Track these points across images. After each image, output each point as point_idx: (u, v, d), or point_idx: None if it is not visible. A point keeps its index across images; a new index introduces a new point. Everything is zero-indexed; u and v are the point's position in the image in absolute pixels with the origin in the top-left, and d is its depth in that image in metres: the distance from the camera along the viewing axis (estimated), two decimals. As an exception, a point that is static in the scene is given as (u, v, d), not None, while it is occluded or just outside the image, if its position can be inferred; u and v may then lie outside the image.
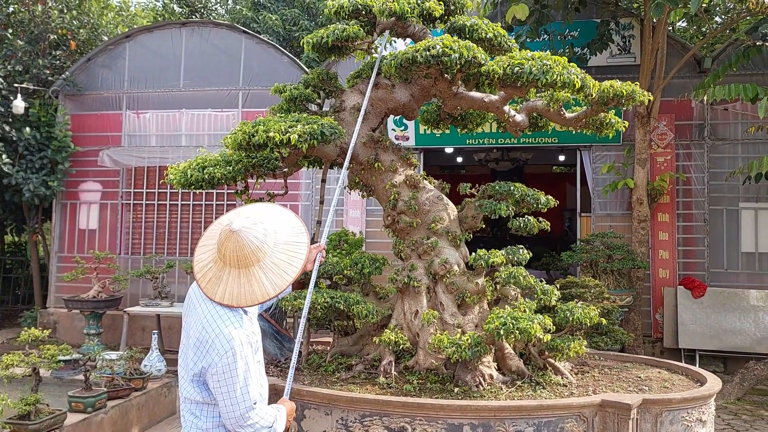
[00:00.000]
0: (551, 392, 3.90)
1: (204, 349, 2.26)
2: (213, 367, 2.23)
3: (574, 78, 3.89)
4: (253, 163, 4.45)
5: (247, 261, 2.28)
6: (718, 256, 9.13)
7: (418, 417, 3.48)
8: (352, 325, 4.56)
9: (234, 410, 2.26)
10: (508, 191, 4.52)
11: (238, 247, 2.27)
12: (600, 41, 8.83)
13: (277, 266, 2.31)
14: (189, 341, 2.34)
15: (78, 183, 10.87)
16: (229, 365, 2.22)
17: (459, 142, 10.00)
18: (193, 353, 2.30)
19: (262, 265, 2.29)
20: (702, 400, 3.85)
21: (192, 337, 2.32)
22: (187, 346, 2.35)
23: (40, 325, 10.30)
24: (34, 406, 4.80)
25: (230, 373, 2.23)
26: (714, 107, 9.18)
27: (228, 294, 2.26)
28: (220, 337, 2.24)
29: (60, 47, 11.50)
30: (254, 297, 2.27)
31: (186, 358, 2.35)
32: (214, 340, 2.24)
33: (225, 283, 2.28)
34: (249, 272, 2.28)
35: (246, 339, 2.29)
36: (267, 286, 2.27)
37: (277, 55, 10.44)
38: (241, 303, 2.27)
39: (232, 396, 2.25)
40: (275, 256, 2.33)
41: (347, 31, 4.28)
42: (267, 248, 2.31)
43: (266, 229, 2.34)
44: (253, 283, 2.27)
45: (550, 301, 4.23)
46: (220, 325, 2.26)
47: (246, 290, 2.26)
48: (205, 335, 2.26)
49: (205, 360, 2.26)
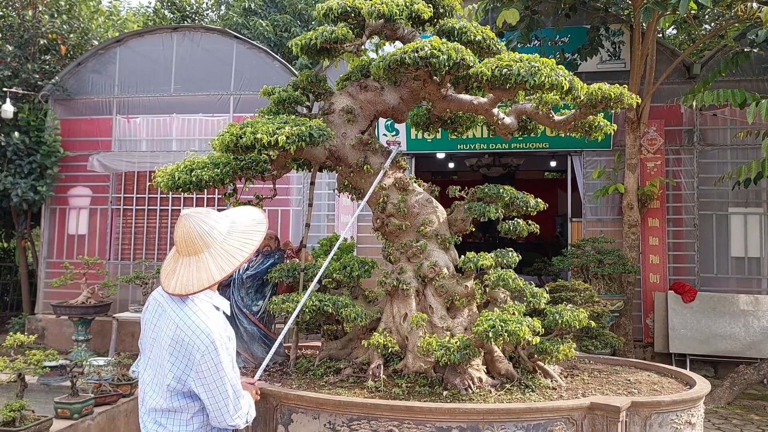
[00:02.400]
0: (540, 395, 3.89)
1: (183, 349, 2.21)
2: (197, 365, 2.20)
3: (562, 80, 3.89)
4: (242, 165, 4.42)
5: (196, 246, 2.26)
6: (708, 261, 9.16)
7: (407, 420, 3.45)
8: (341, 328, 4.53)
9: (226, 404, 2.24)
10: (498, 194, 4.52)
11: (186, 232, 2.27)
12: (590, 47, 8.88)
13: (227, 252, 2.28)
14: (161, 347, 2.26)
15: (67, 188, 10.81)
16: (214, 360, 2.20)
17: (450, 147, 10.01)
18: (168, 357, 2.23)
19: (212, 251, 2.27)
20: (691, 403, 3.84)
21: (164, 342, 2.25)
22: (159, 353, 2.27)
23: (28, 331, 10.20)
24: (19, 412, 4.73)
25: (216, 368, 2.21)
26: (703, 113, 9.23)
27: (179, 283, 2.24)
28: (198, 332, 2.21)
29: (50, 52, 11.45)
30: (201, 282, 2.24)
31: (158, 365, 2.27)
32: (192, 337, 2.20)
33: (178, 274, 2.26)
34: (198, 259, 2.26)
35: (224, 331, 2.27)
36: (213, 270, 2.25)
37: (268, 60, 10.44)
38: (189, 290, 2.23)
39: (221, 390, 2.23)
40: (227, 243, 2.31)
41: (336, 33, 4.27)
42: (217, 234, 2.29)
43: (219, 218, 2.34)
44: (201, 270, 2.25)
45: (539, 304, 4.22)
46: (195, 321, 2.23)
47: (194, 276, 2.24)
48: (181, 334, 2.21)
49: (186, 361, 2.21)
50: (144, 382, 2.33)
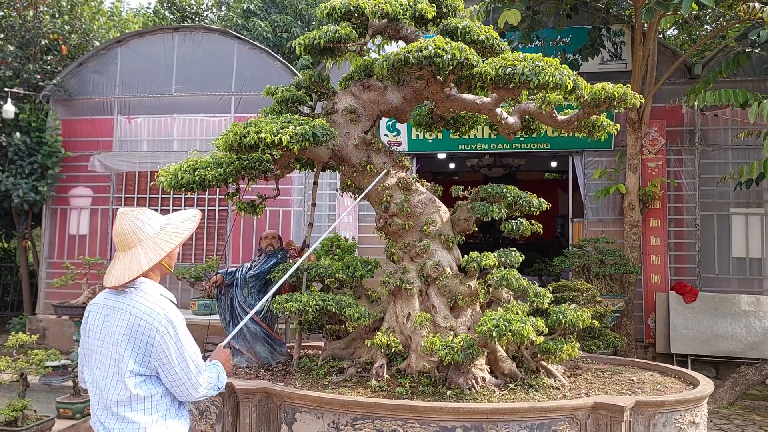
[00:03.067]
0: (544, 395, 3.88)
1: (140, 334, 2.28)
2: (158, 347, 2.28)
3: (566, 79, 3.89)
4: (245, 165, 4.42)
5: (129, 241, 2.37)
6: (709, 262, 9.16)
7: (410, 420, 3.45)
8: (344, 328, 4.53)
9: (189, 378, 2.35)
10: (501, 194, 4.52)
11: (119, 226, 2.40)
12: (591, 47, 8.88)
13: (157, 245, 2.40)
14: (114, 341, 2.30)
15: (68, 188, 10.80)
16: (173, 338, 2.30)
17: (451, 147, 10.01)
18: (126, 346, 2.28)
19: (143, 245, 2.38)
20: (695, 403, 3.84)
21: (117, 335, 2.30)
22: (113, 348, 2.30)
23: (29, 331, 10.18)
24: (21, 412, 4.73)
25: (176, 345, 2.31)
26: (704, 113, 9.23)
27: (114, 277, 2.35)
28: (154, 315, 2.30)
29: (51, 52, 11.44)
30: (131, 273, 2.33)
31: (113, 360, 2.30)
32: (149, 320, 2.28)
33: (114, 268, 2.37)
34: (132, 253, 2.37)
35: (177, 311, 2.39)
36: (143, 261, 2.35)
37: (269, 61, 10.44)
38: (121, 281, 2.33)
39: (183, 367, 2.33)
40: (159, 237, 2.42)
41: (339, 32, 4.27)
42: (149, 230, 2.40)
43: (153, 216, 2.46)
44: (132, 262, 2.35)
45: (542, 303, 4.22)
46: (149, 305, 2.32)
47: (127, 268, 2.34)
48: (137, 321, 2.29)
49: (146, 345, 2.28)
50: (97, 383, 2.36)
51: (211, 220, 10.44)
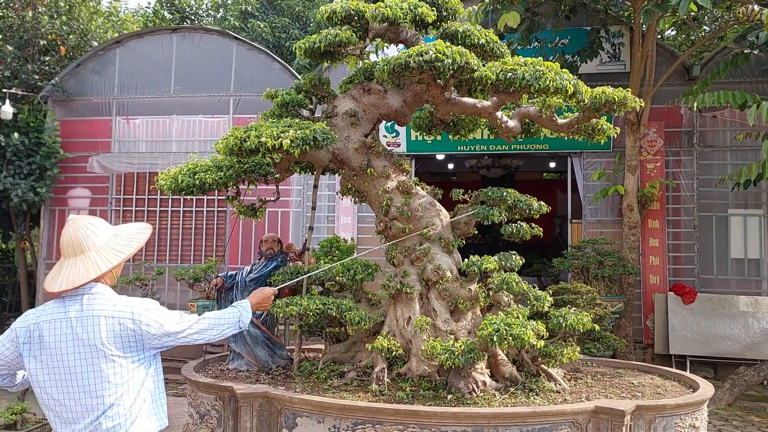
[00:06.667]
0: (545, 399, 3.89)
1: (124, 332, 2.30)
2: (147, 327, 2.33)
3: (566, 84, 3.90)
4: (245, 168, 4.42)
5: (83, 246, 2.35)
6: (707, 263, 9.17)
7: (411, 424, 3.45)
8: (345, 332, 4.53)
9: (186, 335, 2.45)
10: (501, 197, 4.52)
11: (72, 232, 2.37)
12: (590, 49, 8.89)
13: (113, 249, 2.41)
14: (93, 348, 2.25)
15: (67, 189, 10.78)
16: (158, 311, 2.39)
17: (450, 148, 10.01)
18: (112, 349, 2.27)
19: (98, 249, 2.37)
20: (695, 406, 3.85)
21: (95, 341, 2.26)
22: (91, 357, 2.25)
23: (28, 332, 10.16)
24: (20, 415, 4.73)
25: (159, 319, 2.37)
26: (703, 114, 9.25)
27: (65, 280, 2.31)
28: (128, 310, 2.33)
29: (49, 53, 11.42)
30: (87, 275, 2.32)
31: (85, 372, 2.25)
32: (127, 315, 2.31)
33: (63, 274, 2.33)
34: (85, 257, 2.35)
35: (144, 300, 2.45)
36: (100, 263, 2.35)
37: (268, 62, 10.43)
38: (75, 283, 2.30)
39: (176, 330, 2.41)
40: (113, 242, 2.43)
41: (340, 36, 4.27)
42: (103, 235, 2.41)
43: (104, 225, 2.47)
44: (87, 265, 2.33)
45: (542, 307, 4.23)
46: (117, 302, 2.34)
47: (81, 271, 2.32)
48: (114, 322, 2.29)
49: (134, 338, 2.32)
50: (60, 403, 2.26)
51: (211, 221, 10.43)
